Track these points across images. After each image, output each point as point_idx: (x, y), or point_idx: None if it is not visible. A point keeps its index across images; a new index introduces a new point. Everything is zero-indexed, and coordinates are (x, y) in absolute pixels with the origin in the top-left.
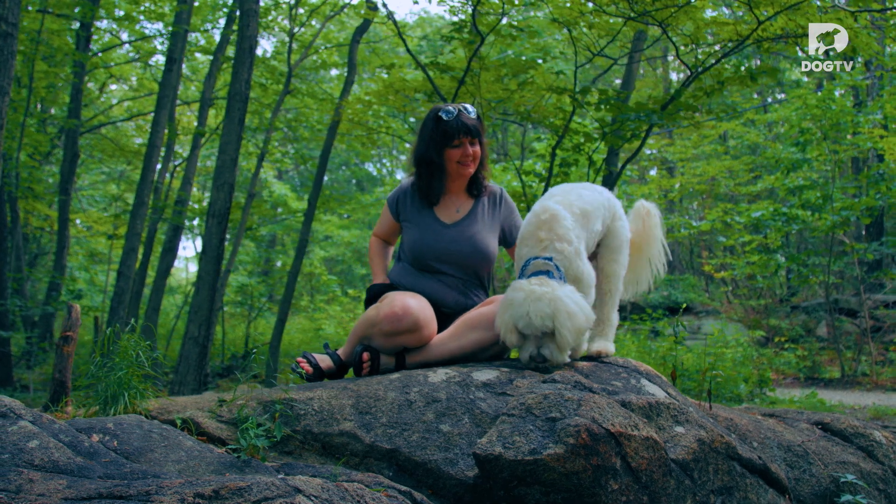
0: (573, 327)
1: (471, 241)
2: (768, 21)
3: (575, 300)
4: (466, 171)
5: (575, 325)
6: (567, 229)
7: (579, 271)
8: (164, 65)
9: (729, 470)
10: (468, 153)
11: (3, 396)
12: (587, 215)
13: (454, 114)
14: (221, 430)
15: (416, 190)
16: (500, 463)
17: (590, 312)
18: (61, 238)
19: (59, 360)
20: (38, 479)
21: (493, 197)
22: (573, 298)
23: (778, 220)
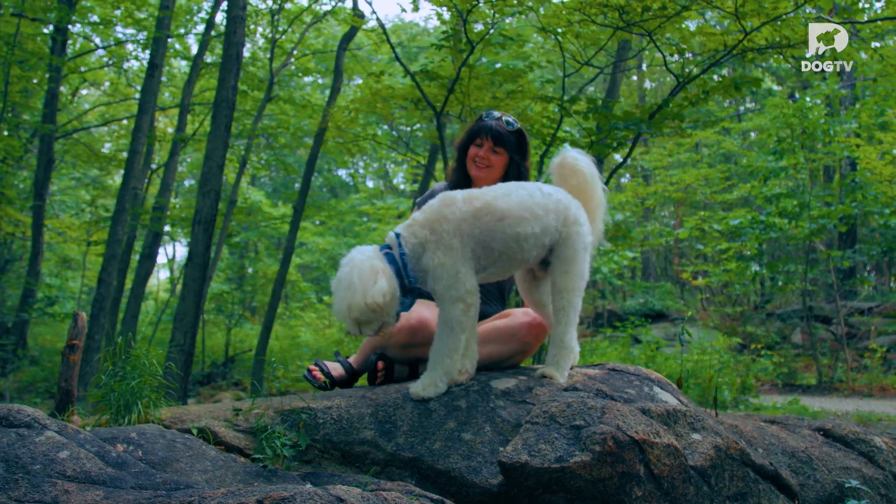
0: (345, 298)
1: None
2: (755, 31)
3: (363, 274)
4: (479, 173)
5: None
6: (441, 219)
7: (430, 266)
8: (146, 70)
9: (743, 476)
10: (483, 155)
11: (25, 407)
12: (506, 217)
13: (493, 116)
14: (239, 439)
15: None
16: (525, 470)
17: (375, 294)
18: (35, 244)
19: (65, 369)
20: (74, 491)
21: None
22: (364, 274)
23: (756, 228)
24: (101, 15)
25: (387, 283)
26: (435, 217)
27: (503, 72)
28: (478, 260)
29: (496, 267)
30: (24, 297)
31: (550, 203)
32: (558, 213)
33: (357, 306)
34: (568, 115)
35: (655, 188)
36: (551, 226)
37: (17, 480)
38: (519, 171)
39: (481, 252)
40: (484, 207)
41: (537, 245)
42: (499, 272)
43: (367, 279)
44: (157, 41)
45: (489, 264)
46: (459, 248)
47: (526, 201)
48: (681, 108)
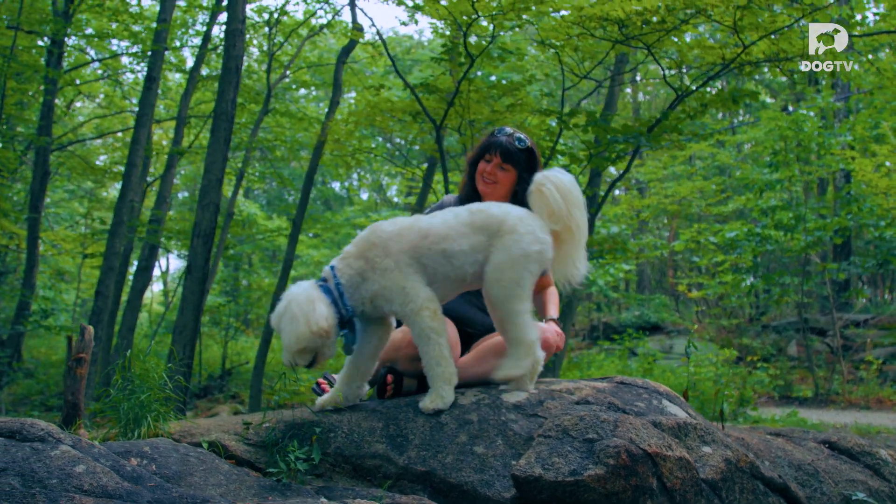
0: (291, 331)
1: None
2: (753, 45)
3: (301, 305)
4: (486, 189)
5: (292, 330)
6: (370, 246)
7: (374, 292)
8: (144, 83)
9: (753, 489)
10: (491, 171)
11: (38, 420)
12: (429, 235)
13: (505, 133)
14: (250, 452)
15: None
16: (539, 484)
17: (317, 319)
18: (31, 256)
19: (71, 383)
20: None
21: None
22: (302, 305)
23: (752, 241)
24: (96, 28)
25: (325, 308)
26: (364, 245)
27: (502, 85)
28: (420, 274)
29: (437, 286)
30: (20, 309)
31: (478, 220)
32: (488, 227)
33: (303, 335)
34: (567, 128)
35: (651, 201)
36: (482, 242)
37: (34, 495)
38: (527, 188)
39: (419, 268)
40: (408, 226)
41: (470, 262)
42: (442, 291)
43: (307, 308)
44: (155, 54)
45: (431, 282)
46: (395, 268)
47: (449, 220)
48: (679, 121)
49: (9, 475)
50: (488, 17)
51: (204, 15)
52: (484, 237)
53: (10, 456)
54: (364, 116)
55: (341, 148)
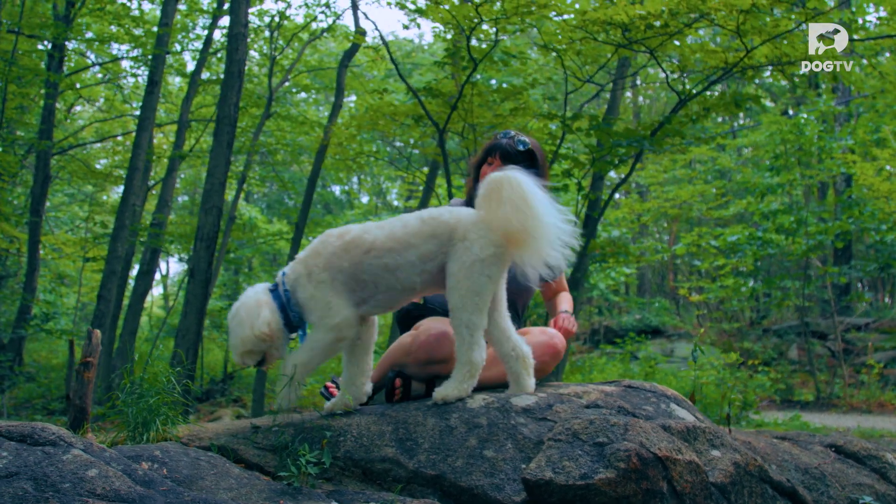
0: (237, 334)
1: (511, 271)
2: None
3: (248, 310)
4: None
5: (238, 333)
6: (315, 254)
7: (304, 298)
8: (146, 87)
9: (762, 493)
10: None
11: (49, 424)
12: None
13: (507, 135)
14: (259, 456)
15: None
16: (550, 488)
17: (260, 324)
18: (32, 260)
19: (79, 386)
20: None
21: None
22: (250, 309)
23: (753, 244)
24: (96, 32)
25: (269, 313)
26: (310, 253)
27: (505, 89)
28: (354, 292)
29: (379, 297)
30: (21, 313)
31: (428, 228)
32: (439, 235)
33: (247, 338)
34: (570, 131)
35: (651, 204)
36: (432, 251)
37: (47, 499)
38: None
39: (355, 284)
40: (352, 241)
41: (418, 272)
42: (386, 301)
43: (253, 312)
44: (157, 58)
45: (369, 296)
46: (329, 282)
47: (397, 232)
48: (682, 124)
49: (21, 479)
50: (491, 21)
51: (204, 19)
52: (434, 245)
53: (21, 460)
54: (367, 120)
55: (343, 152)
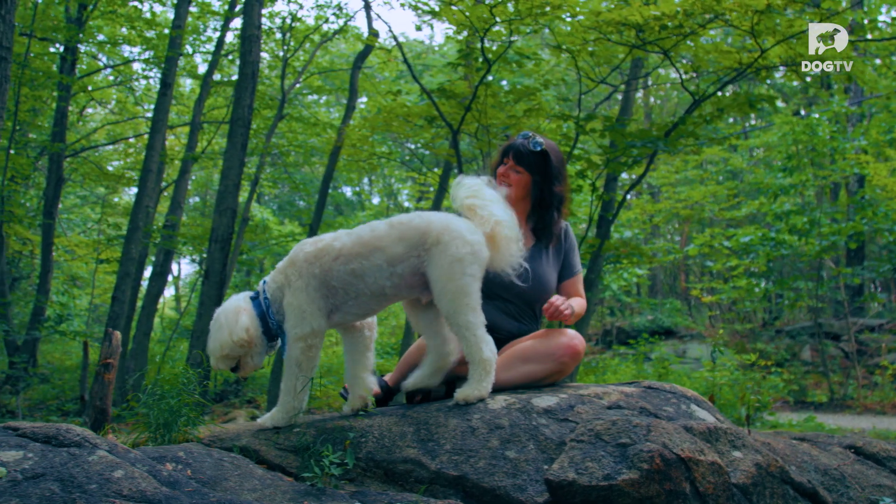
0: (216, 338)
1: (533, 273)
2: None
3: (227, 315)
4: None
5: (217, 338)
6: (290, 263)
7: (284, 305)
8: (159, 89)
9: (783, 494)
10: (504, 173)
11: (73, 426)
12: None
13: (522, 135)
14: (281, 457)
15: None
16: (573, 488)
17: (238, 330)
18: (45, 262)
19: (99, 388)
20: None
21: (560, 233)
22: (229, 315)
23: (766, 245)
24: (108, 34)
25: (248, 319)
26: (287, 262)
27: (518, 90)
28: (327, 299)
29: (350, 304)
30: (35, 315)
31: (396, 232)
32: (408, 238)
33: (225, 343)
34: (584, 132)
35: (663, 205)
36: (400, 254)
37: (74, 500)
38: (541, 193)
39: (326, 291)
40: (323, 248)
41: (386, 276)
42: (357, 308)
43: (232, 319)
44: (170, 60)
45: (341, 302)
46: (304, 289)
47: (365, 237)
48: (695, 125)
49: (48, 480)
50: (505, 23)
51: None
52: (402, 248)
53: (47, 461)
54: (381, 121)
55: (357, 153)
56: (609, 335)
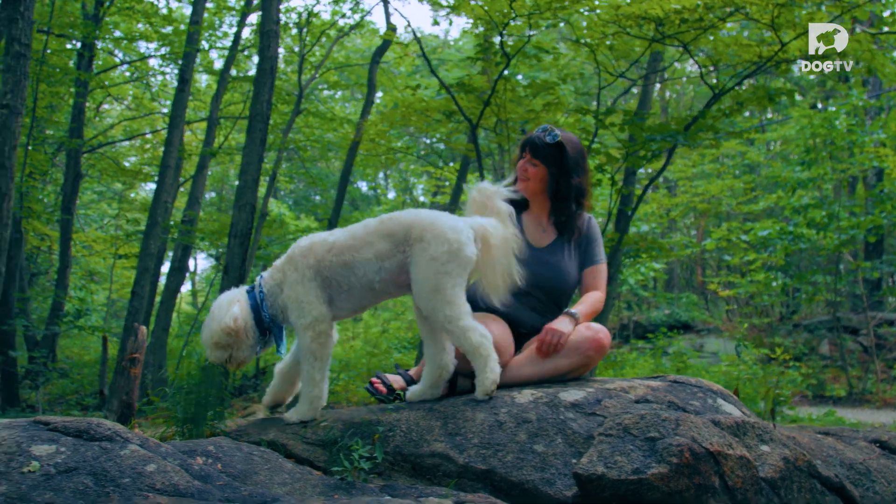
0: (207, 327)
1: (556, 267)
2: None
3: (221, 307)
4: (519, 185)
5: (208, 326)
6: (289, 259)
7: (284, 300)
8: (177, 85)
9: (811, 488)
10: (521, 167)
11: (104, 420)
12: (333, 248)
13: (541, 129)
14: (309, 451)
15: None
16: (602, 482)
17: (227, 318)
18: (63, 257)
19: (125, 383)
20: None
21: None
22: (222, 305)
23: (784, 239)
24: (124, 31)
25: (238, 309)
26: (284, 259)
27: (537, 84)
28: (323, 290)
29: (343, 297)
30: (54, 310)
31: (384, 227)
32: (394, 234)
33: (216, 331)
34: (603, 126)
35: (680, 199)
36: (388, 250)
37: (108, 494)
38: (558, 185)
39: (321, 282)
40: (318, 241)
41: (375, 270)
42: (350, 301)
43: (224, 309)
44: (188, 56)
45: (335, 294)
46: (299, 281)
47: (356, 231)
48: (715, 119)
49: (81, 474)
50: (524, 17)
51: (231, 17)
52: (389, 244)
53: (80, 455)
54: (399, 116)
55: (376, 147)
56: (626, 329)
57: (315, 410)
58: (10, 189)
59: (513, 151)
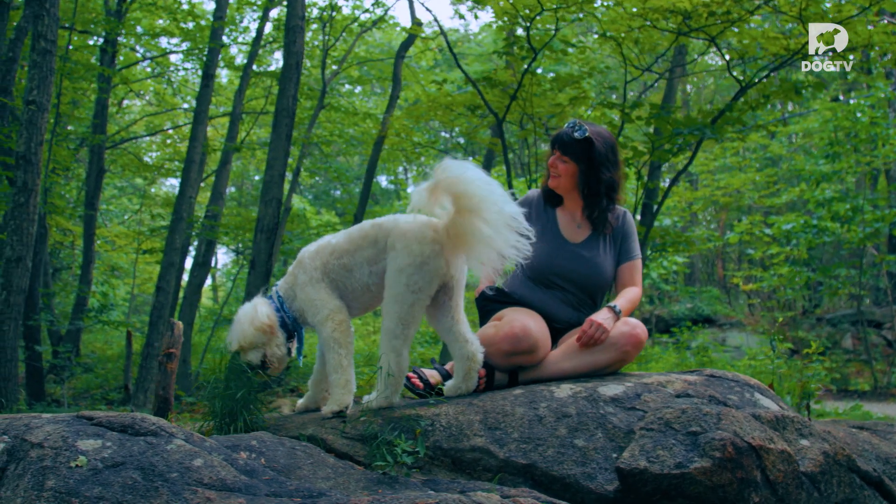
0: (237, 331)
1: (591, 263)
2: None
3: (247, 312)
4: (551, 182)
5: (239, 330)
6: (297, 264)
7: (300, 303)
8: (201, 80)
9: (850, 482)
10: (552, 163)
11: (147, 415)
12: (335, 251)
13: (570, 124)
14: (348, 446)
15: (543, 197)
16: (644, 477)
17: (258, 318)
18: (87, 252)
19: (162, 377)
20: (216, 499)
21: (616, 220)
22: (247, 311)
23: (809, 233)
24: (145, 26)
25: (267, 308)
26: (295, 264)
27: (563, 78)
28: (333, 289)
29: (350, 296)
30: (78, 305)
31: (372, 233)
32: (378, 241)
33: (247, 332)
34: (629, 120)
35: (702, 192)
36: (373, 255)
37: (157, 489)
38: (588, 181)
39: (329, 283)
40: (323, 245)
41: (367, 273)
42: (353, 301)
43: (249, 312)
44: (212, 52)
45: (342, 294)
46: (309, 282)
47: (353, 234)
48: (741, 112)
49: (128, 469)
50: (551, 10)
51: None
52: (375, 250)
53: (126, 450)
54: (424, 110)
55: (402, 142)
56: (648, 323)
57: (349, 394)
58: (37, 185)
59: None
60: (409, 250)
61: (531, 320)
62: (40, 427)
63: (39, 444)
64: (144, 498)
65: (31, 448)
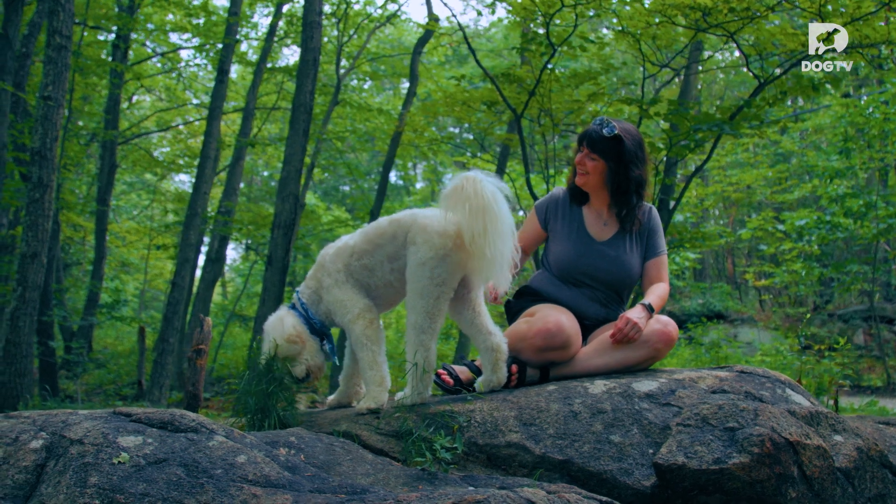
0: (270, 340)
1: (618, 261)
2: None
3: (274, 327)
4: (579, 180)
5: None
6: (319, 267)
7: (327, 305)
8: (216, 77)
9: (882, 478)
10: (580, 161)
11: (187, 412)
12: (355, 252)
13: (597, 121)
14: (383, 442)
15: (569, 195)
16: (682, 472)
17: (286, 329)
18: (99, 248)
19: (192, 373)
20: (262, 495)
21: (642, 216)
22: (274, 325)
23: (822, 229)
24: (157, 22)
25: (293, 319)
26: (316, 267)
27: (581, 74)
28: (359, 288)
29: (374, 293)
30: (90, 300)
31: (391, 230)
32: (398, 237)
33: (281, 347)
34: (647, 116)
35: (714, 188)
36: (394, 251)
37: (202, 485)
38: (617, 178)
39: (354, 282)
40: (342, 247)
41: (389, 270)
42: (382, 297)
43: (277, 326)
44: (227, 47)
45: (367, 292)
46: (334, 284)
47: (370, 233)
48: (759, 108)
49: (172, 465)
50: (571, 6)
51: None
52: (396, 246)
53: (167, 447)
54: (442, 106)
55: (418, 138)
56: None
57: (384, 390)
58: (52, 180)
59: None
60: (430, 244)
61: (564, 316)
62: (78, 423)
63: (80, 440)
64: (190, 494)
65: (71, 445)
